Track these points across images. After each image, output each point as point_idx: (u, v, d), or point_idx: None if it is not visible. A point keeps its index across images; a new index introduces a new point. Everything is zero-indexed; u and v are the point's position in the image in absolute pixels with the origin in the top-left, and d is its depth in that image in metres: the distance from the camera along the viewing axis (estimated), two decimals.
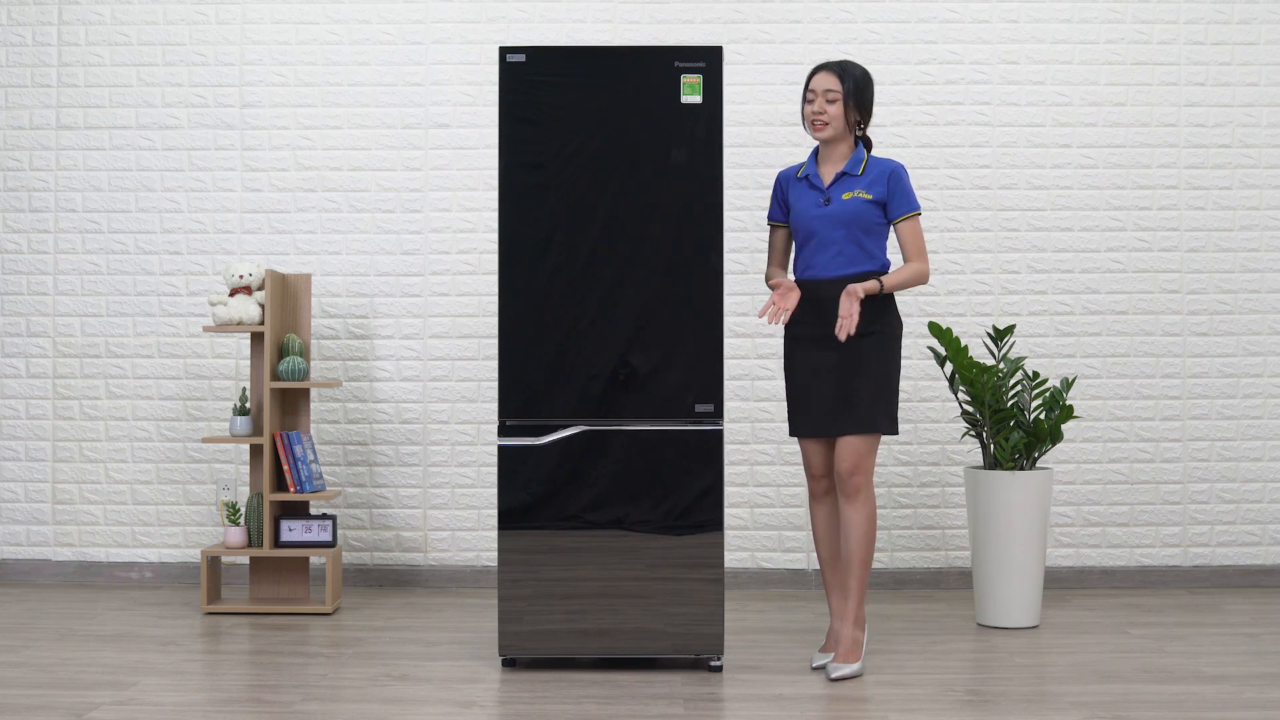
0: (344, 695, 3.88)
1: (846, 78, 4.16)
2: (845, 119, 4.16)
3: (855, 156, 4.19)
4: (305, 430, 5.27)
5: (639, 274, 4.18)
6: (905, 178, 4.19)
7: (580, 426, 4.18)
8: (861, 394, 4.10)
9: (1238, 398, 5.70)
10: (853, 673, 4.08)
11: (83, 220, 5.76)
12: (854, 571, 4.13)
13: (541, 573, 4.16)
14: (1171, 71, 5.73)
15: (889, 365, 4.14)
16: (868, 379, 4.11)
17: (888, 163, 4.20)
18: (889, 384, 4.13)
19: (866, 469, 4.12)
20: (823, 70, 4.18)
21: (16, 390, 5.75)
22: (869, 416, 4.10)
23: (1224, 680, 4.07)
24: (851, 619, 4.14)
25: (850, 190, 4.15)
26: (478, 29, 5.75)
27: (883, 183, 4.16)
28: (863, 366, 4.12)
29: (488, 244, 5.72)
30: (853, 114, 4.17)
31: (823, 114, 4.15)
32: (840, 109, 4.15)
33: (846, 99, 4.15)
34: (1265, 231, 5.72)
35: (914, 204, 4.18)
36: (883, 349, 4.13)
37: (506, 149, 4.19)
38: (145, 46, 5.77)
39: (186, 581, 5.71)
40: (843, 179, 4.18)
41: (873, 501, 4.15)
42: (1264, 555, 5.69)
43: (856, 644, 4.14)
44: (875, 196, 4.14)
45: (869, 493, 4.13)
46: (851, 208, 4.13)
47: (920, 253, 4.18)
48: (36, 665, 4.24)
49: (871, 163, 4.20)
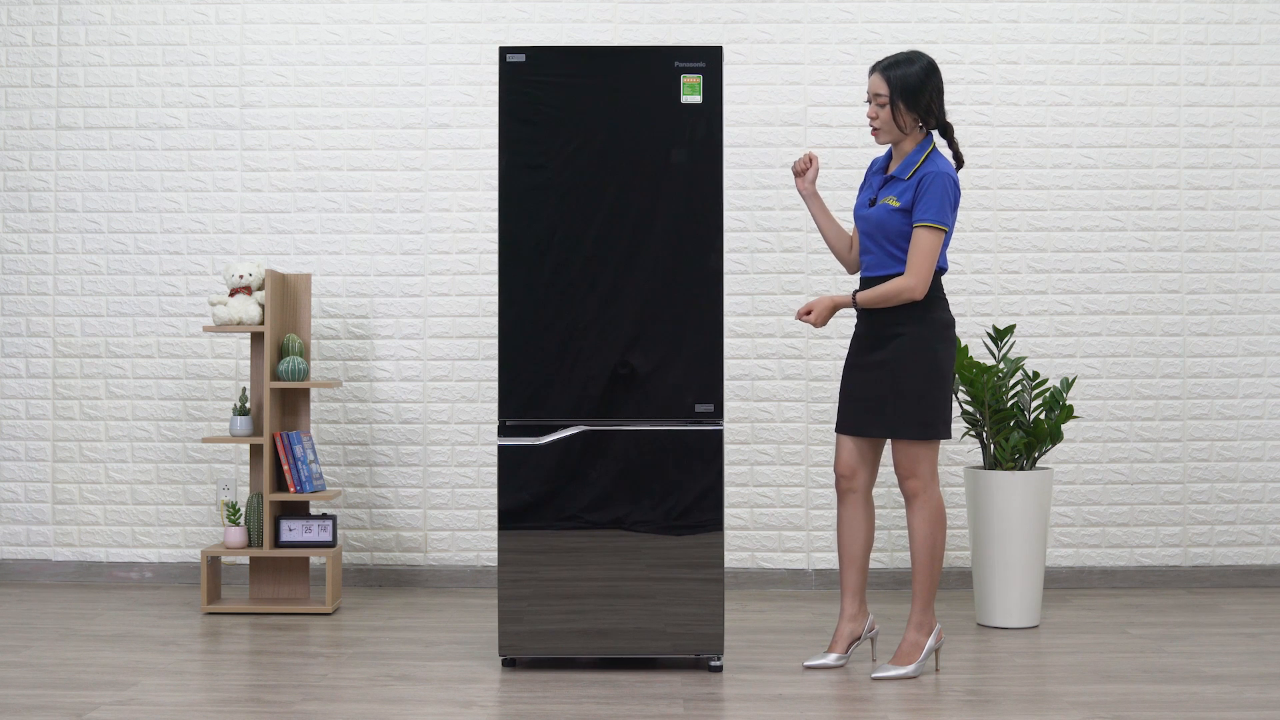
0: (344, 695, 3.88)
1: (894, 80, 4.04)
2: (897, 122, 4.07)
3: (910, 158, 4.07)
4: (305, 430, 5.27)
5: (639, 274, 4.18)
6: (937, 185, 3.98)
7: (580, 426, 4.18)
8: (888, 398, 4.06)
9: (1238, 398, 5.70)
10: (903, 674, 4.07)
11: (83, 220, 5.76)
12: (916, 576, 4.11)
13: (541, 573, 4.17)
14: (1171, 71, 5.73)
15: (912, 368, 4.03)
16: (896, 383, 4.05)
17: (931, 167, 4.02)
18: (910, 387, 4.02)
19: (923, 474, 4.06)
20: (874, 71, 4.09)
21: (16, 390, 5.75)
22: (894, 421, 4.05)
23: (1224, 680, 4.07)
24: (915, 621, 4.12)
25: (890, 194, 4.08)
26: (478, 29, 5.75)
27: (912, 189, 4.03)
28: (885, 370, 4.07)
29: (488, 244, 5.72)
30: (905, 116, 4.06)
31: (875, 119, 4.09)
32: (889, 114, 4.07)
33: (894, 103, 4.05)
34: (1265, 231, 5.72)
35: (930, 214, 3.98)
36: (906, 351, 4.03)
37: (506, 149, 4.19)
38: (145, 46, 5.77)
39: (186, 581, 5.71)
40: (890, 182, 4.10)
41: (932, 505, 4.07)
42: (1264, 555, 5.69)
43: (915, 646, 4.11)
44: (903, 203, 4.03)
45: (926, 496, 4.07)
46: (878, 214, 4.07)
47: (914, 267, 3.99)
48: (36, 665, 4.24)
49: (925, 164, 4.04)
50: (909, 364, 4.04)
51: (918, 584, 4.10)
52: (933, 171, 4.01)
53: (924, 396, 4.03)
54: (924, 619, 4.11)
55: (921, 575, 4.09)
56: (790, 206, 5.69)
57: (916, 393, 4.03)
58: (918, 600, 4.11)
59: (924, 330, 4.04)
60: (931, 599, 4.10)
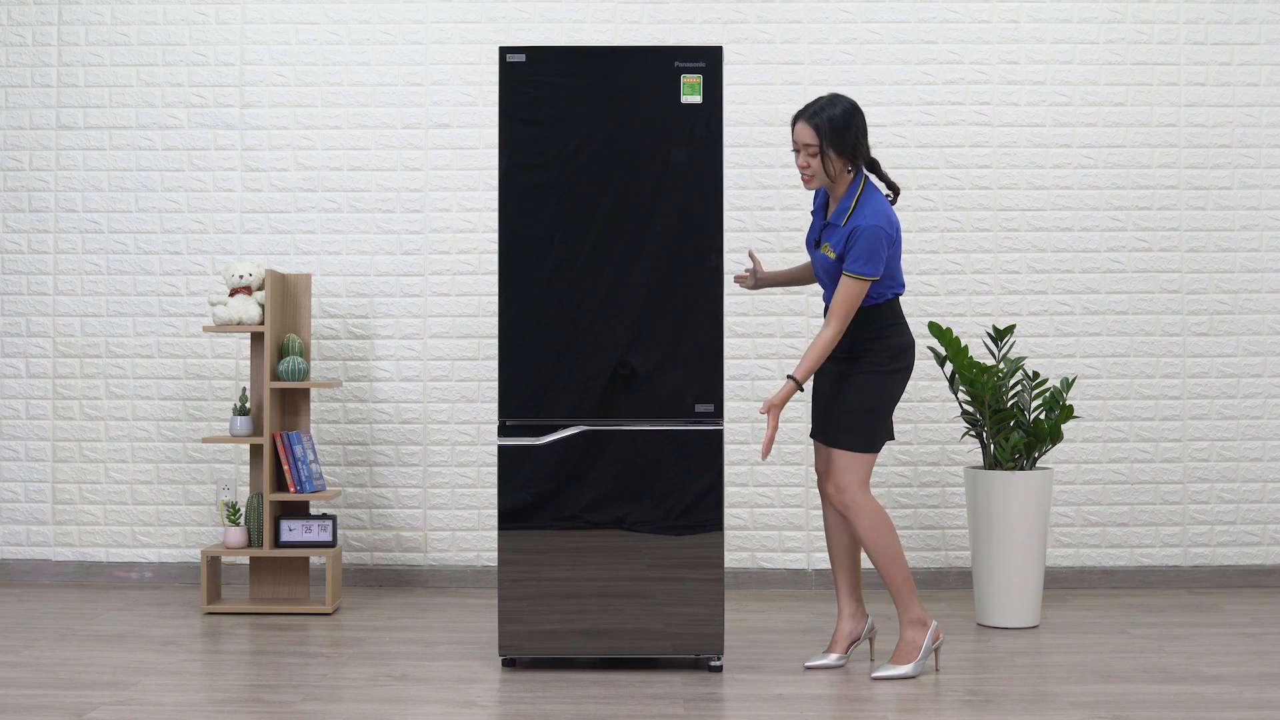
0: (344, 695, 3.88)
1: (820, 127, 4.01)
2: (827, 170, 4.06)
3: (842, 204, 4.07)
4: (305, 430, 5.27)
5: (639, 274, 4.18)
6: (865, 238, 3.97)
7: (580, 426, 4.18)
8: (837, 407, 4.12)
9: (1238, 398, 5.70)
10: (901, 674, 4.08)
11: (83, 220, 5.76)
12: (885, 580, 4.13)
13: (541, 573, 4.17)
14: (1171, 71, 5.73)
15: (870, 385, 4.08)
16: (847, 394, 4.11)
17: (861, 218, 4.01)
18: (863, 404, 4.07)
19: (848, 485, 4.08)
20: (799, 120, 4.06)
21: (16, 390, 5.75)
22: (834, 430, 4.12)
23: (1224, 680, 4.07)
24: (905, 619, 4.13)
25: (827, 241, 4.10)
26: (478, 29, 5.75)
27: (844, 240, 4.03)
28: (845, 382, 4.13)
29: (488, 244, 5.72)
30: (835, 163, 4.04)
31: (806, 168, 4.07)
32: (819, 162, 4.05)
33: (824, 151, 4.03)
34: (1265, 231, 5.72)
35: (856, 266, 3.98)
36: (869, 367, 4.09)
37: (506, 149, 4.19)
38: (145, 46, 5.77)
39: (186, 581, 5.71)
40: (828, 227, 4.12)
41: (867, 512, 4.08)
42: (1264, 555, 5.69)
43: (912, 645, 4.11)
44: (838, 253, 4.05)
45: (858, 506, 4.08)
46: (821, 261, 4.13)
47: (834, 314, 4.00)
48: (36, 665, 4.24)
49: (855, 213, 4.04)
50: (858, 379, 4.10)
51: (888, 586, 4.13)
52: (861, 225, 4.00)
53: (870, 411, 4.08)
54: (914, 616, 4.12)
55: (886, 576, 4.11)
56: (790, 206, 5.70)
57: (863, 407, 4.07)
58: (897, 600, 4.13)
59: (881, 356, 4.09)
60: (911, 595, 4.11)
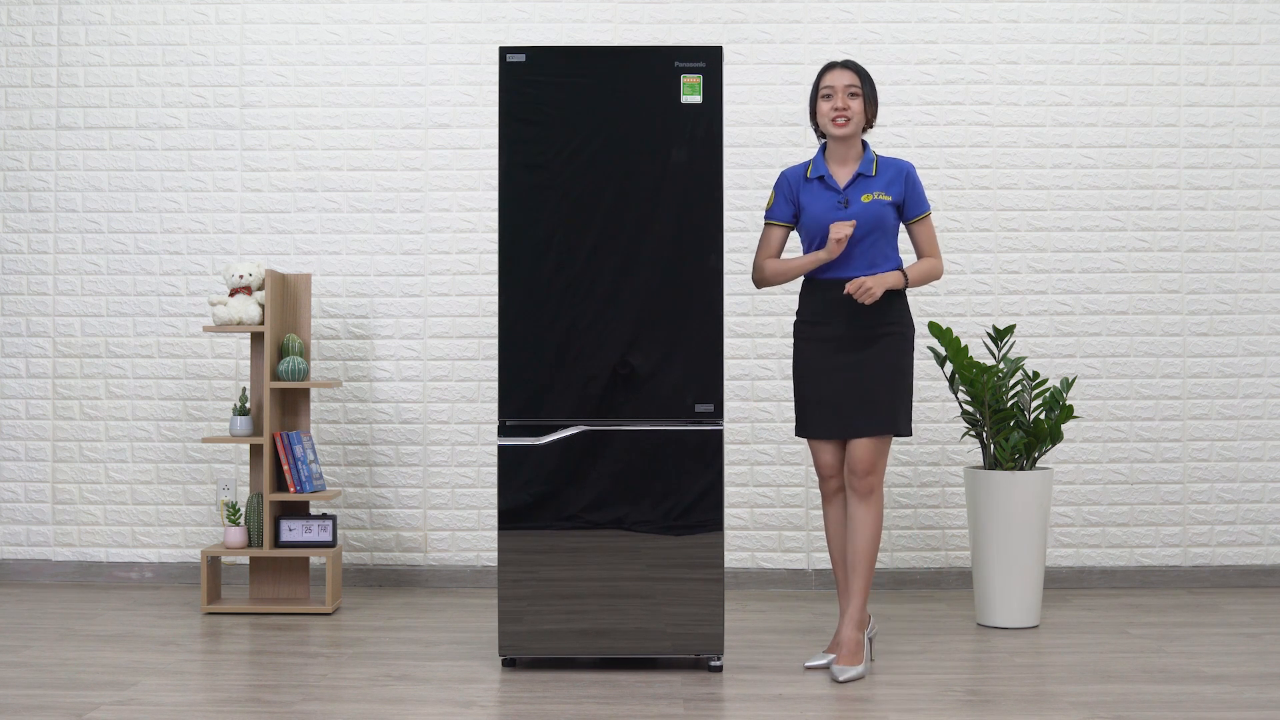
0: (344, 695, 3.88)
1: (864, 74, 4.18)
2: (865, 114, 4.18)
3: (866, 157, 4.18)
4: (305, 430, 5.27)
5: (639, 274, 4.18)
6: (918, 177, 4.21)
7: (580, 426, 4.18)
8: (879, 394, 4.10)
9: (1238, 398, 5.70)
10: (858, 675, 4.08)
11: (83, 220, 5.76)
12: (860, 572, 4.12)
13: (541, 573, 4.17)
14: (1171, 71, 5.73)
15: (905, 366, 4.15)
16: (886, 379, 4.10)
17: (899, 163, 4.20)
18: (905, 384, 4.14)
19: (881, 470, 4.13)
20: (838, 67, 4.18)
21: (16, 390, 5.75)
22: (889, 417, 4.10)
23: (1224, 680, 4.07)
24: (854, 620, 4.13)
25: (869, 192, 4.14)
26: (478, 29, 5.75)
27: (900, 183, 4.16)
28: (881, 366, 4.11)
29: (488, 244, 5.72)
30: (871, 107, 4.19)
31: (845, 109, 4.13)
32: (861, 105, 4.16)
33: (865, 92, 4.17)
34: (1265, 231, 5.72)
35: (927, 203, 4.22)
36: (899, 349, 4.13)
37: (506, 149, 4.19)
38: (145, 46, 5.77)
39: (186, 581, 5.71)
40: (859, 180, 4.16)
41: (882, 503, 4.16)
42: (1264, 555, 5.69)
43: (860, 645, 4.13)
44: (894, 198, 4.15)
45: (880, 494, 4.14)
46: (873, 210, 4.12)
47: (937, 250, 4.24)
48: (36, 665, 4.24)
49: (882, 163, 4.20)
50: (900, 361, 4.14)
51: (860, 580, 4.12)
52: (908, 166, 4.20)
53: (909, 393, 4.18)
54: (863, 615, 4.16)
55: (864, 571, 4.12)
56: None
57: (904, 389, 4.16)
58: (859, 595, 4.12)
59: (907, 328, 4.18)
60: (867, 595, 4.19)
